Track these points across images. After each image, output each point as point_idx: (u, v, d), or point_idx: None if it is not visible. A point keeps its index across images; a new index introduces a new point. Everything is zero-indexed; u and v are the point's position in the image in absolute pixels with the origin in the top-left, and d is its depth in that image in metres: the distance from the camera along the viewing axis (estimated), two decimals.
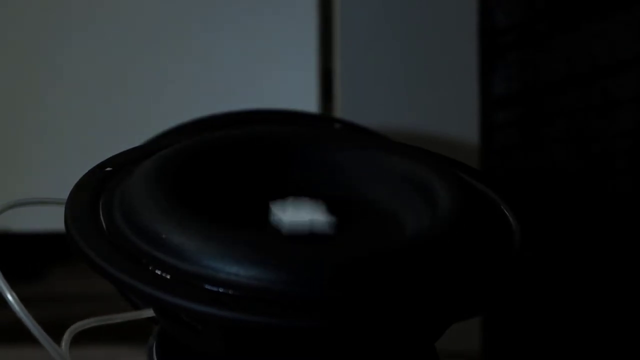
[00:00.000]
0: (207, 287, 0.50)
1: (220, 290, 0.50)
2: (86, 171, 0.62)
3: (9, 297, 0.58)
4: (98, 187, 0.60)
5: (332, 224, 0.57)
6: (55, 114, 1.14)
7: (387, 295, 0.51)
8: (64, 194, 0.60)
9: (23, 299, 0.58)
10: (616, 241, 0.83)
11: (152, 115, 1.13)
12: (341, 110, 1.14)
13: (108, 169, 0.63)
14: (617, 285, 0.83)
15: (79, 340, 0.63)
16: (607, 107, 0.85)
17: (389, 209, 0.62)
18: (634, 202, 0.81)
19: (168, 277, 0.51)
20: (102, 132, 1.13)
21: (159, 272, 0.52)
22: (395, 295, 0.51)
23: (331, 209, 0.59)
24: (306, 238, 0.56)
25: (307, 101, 1.16)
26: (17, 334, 0.65)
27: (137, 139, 0.95)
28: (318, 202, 0.59)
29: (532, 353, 1.02)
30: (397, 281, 0.52)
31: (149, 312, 0.60)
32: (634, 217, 0.81)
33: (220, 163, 0.62)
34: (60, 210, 0.58)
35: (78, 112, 1.14)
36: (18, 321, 0.58)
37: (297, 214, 0.58)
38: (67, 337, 0.61)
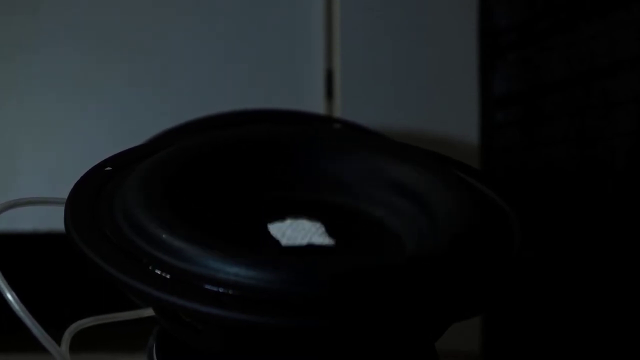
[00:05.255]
0: (207, 287, 0.50)
1: (220, 290, 0.50)
2: (86, 171, 0.62)
3: (9, 297, 0.58)
4: (98, 187, 0.60)
5: (331, 234, 0.57)
6: (55, 114, 1.14)
7: (387, 294, 0.51)
8: (64, 194, 0.60)
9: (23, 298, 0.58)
10: (616, 241, 0.83)
11: (153, 115, 1.13)
12: (341, 110, 1.14)
13: (108, 168, 0.63)
14: (617, 285, 0.83)
15: (79, 340, 0.63)
16: (607, 107, 0.85)
17: (390, 210, 0.62)
18: (634, 202, 0.81)
19: (168, 277, 0.51)
20: (102, 132, 1.13)
21: (159, 272, 0.52)
22: (394, 295, 0.51)
23: (331, 212, 0.59)
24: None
25: (314, 101, 1.16)
26: (17, 334, 0.65)
27: (137, 139, 0.95)
28: (316, 223, 0.59)
29: (532, 353, 1.02)
30: (397, 281, 0.52)
31: (149, 312, 0.60)
32: (634, 217, 0.81)
33: (221, 163, 0.62)
34: (60, 210, 0.58)
35: (78, 112, 1.14)
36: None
37: (295, 236, 0.57)
38: (67, 336, 0.61)
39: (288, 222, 0.59)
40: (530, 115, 1.04)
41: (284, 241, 0.57)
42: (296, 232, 0.57)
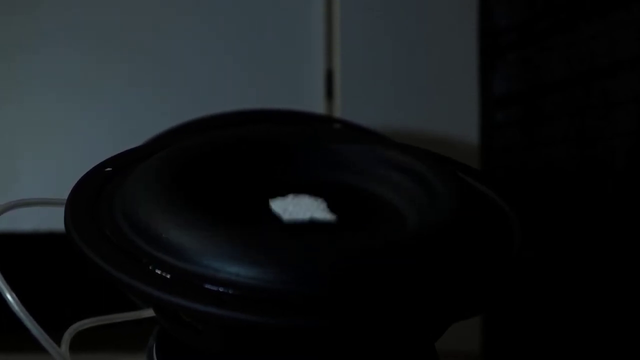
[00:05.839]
0: (208, 286, 0.50)
1: (221, 289, 0.50)
2: (86, 171, 0.62)
3: (9, 297, 0.57)
4: (98, 187, 0.60)
5: (332, 222, 0.58)
6: (55, 114, 1.14)
7: (387, 295, 0.51)
8: (64, 195, 0.60)
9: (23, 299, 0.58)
10: (616, 241, 0.83)
11: (153, 115, 1.13)
12: (341, 110, 1.14)
13: (108, 169, 0.63)
14: (616, 285, 0.83)
15: (79, 341, 0.63)
16: (607, 107, 0.85)
17: (389, 207, 0.62)
18: (634, 202, 0.81)
19: (168, 276, 0.51)
20: (102, 132, 1.13)
21: (159, 272, 0.52)
22: (394, 295, 0.51)
23: (331, 207, 0.59)
24: (306, 236, 0.56)
25: (314, 101, 1.16)
26: (17, 334, 0.65)
27: (137, 139, 0.95)
28: (318, 199, 0.59)
29: (532, 353, 1.02)
30: (397, 281, 0.52)
31: (149, 312, 0.60)
32: (634, 216, 0.81)
33: (220, 163, 0.62)
34: (61, 211, 0.58)
35: (78, 112, 1.14)
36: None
37: (297, 211, 0.58)
38: (67, 337, 0.61)
39: (290, 198, 0.59)
40: (530, 115, 1.04)
41: (286, 216, 0.57)
42: (298, 207, 0.57)
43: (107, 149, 0.68)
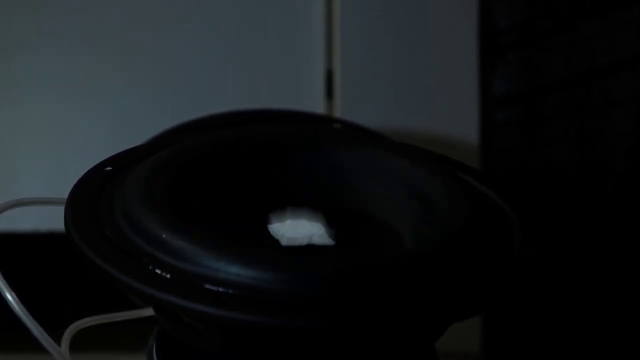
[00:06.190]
0: (207, 287, 0.50)
1: (220, 289, 0.50)
2: (86, 171, 0.62)
3: (9, 297, 0.57)
4: (98, 187, 0.60)
5: (331, 235, 0.57)
6: (55, 114, 1.14)
7: (387, 295, 0.51)
8: (64, 194, 0.60)
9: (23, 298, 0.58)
10: (616, 241, 0.83)
11: (153, 115, 1.13)
12: (341, 110, 1.14)
13: (108, 168, 0.63)
14: (617, 284, 0.83)
15: (79, 340, 0.63)
16: (607, 107, 0.85)
17: (390, 210, 0.62)
18: (634, 202, 0.81)
19: (168, 276, 0.51)
20: (102, 132, 1.13)
21: (159, 272, 0.52)
22: (394, 296, 0.51)
23: (331, 212, 0.59)
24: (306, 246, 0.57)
25: (314, 101, 1.16)
26: (17, 334, 0.65)
27: (137, 139, 0.95)
28: (317, 222, 0.59)
29: (532, 353, 1.02)
30: (397, 281, 0.52)
31: (149, 312, 0.60)
32: (634, 217, 0.81)
33: (220, 163, 0.62)
34: (61, 211, 0.58)
35: (78, 112, 1.14)
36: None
37: (295, 237, 0.57)
38: (67, 336, 0.61)
39: (288, 222, 0.59)
40: (530, 115, 1.04)
41: (284, 242, 0.57)
42: (296, 233, 0.57)
43: (107, 149, 0.68)
